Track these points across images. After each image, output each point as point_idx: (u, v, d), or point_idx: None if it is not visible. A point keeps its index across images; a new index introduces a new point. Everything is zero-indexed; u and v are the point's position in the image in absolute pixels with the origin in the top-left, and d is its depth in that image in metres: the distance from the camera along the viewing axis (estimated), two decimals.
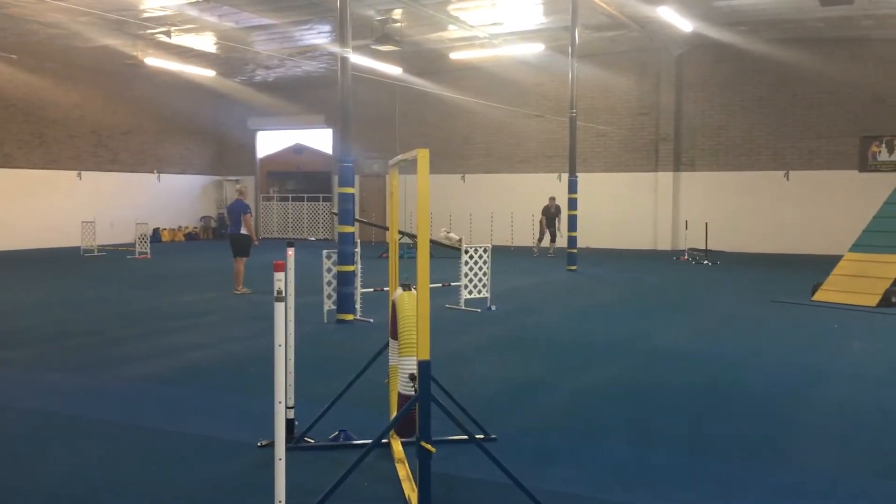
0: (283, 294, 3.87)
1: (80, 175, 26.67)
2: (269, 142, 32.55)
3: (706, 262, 20.15)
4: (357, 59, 19.30)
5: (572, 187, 18.55)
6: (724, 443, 5.69)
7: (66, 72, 25.97)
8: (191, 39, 21.62)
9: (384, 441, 5.29)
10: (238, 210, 14.09)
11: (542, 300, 13.43)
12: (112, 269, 19.21)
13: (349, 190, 11.36)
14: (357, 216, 23.99)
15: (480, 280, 12.27)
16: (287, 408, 5.25)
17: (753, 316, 11.70)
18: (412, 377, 4.28)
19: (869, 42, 21.81)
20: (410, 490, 4.55)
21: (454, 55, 23.41)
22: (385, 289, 11.28)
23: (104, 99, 27.61)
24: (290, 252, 5.14)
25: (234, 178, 32.17)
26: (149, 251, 22.17)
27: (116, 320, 11.22)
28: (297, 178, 32.87)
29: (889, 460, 5.34)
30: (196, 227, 31.44)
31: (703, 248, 21.67)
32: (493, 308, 12.08)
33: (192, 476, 5.00)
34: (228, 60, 25.33)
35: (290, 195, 32.40)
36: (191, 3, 18.11)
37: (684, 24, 19.53)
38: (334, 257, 11.05)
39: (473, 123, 27.40)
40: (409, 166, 5.07)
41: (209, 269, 18.87)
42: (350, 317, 10.95)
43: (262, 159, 32.70)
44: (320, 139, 31.04)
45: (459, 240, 18.65)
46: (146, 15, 19.02)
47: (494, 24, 20.35)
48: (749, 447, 5.59)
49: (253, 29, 20.91)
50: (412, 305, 4.53)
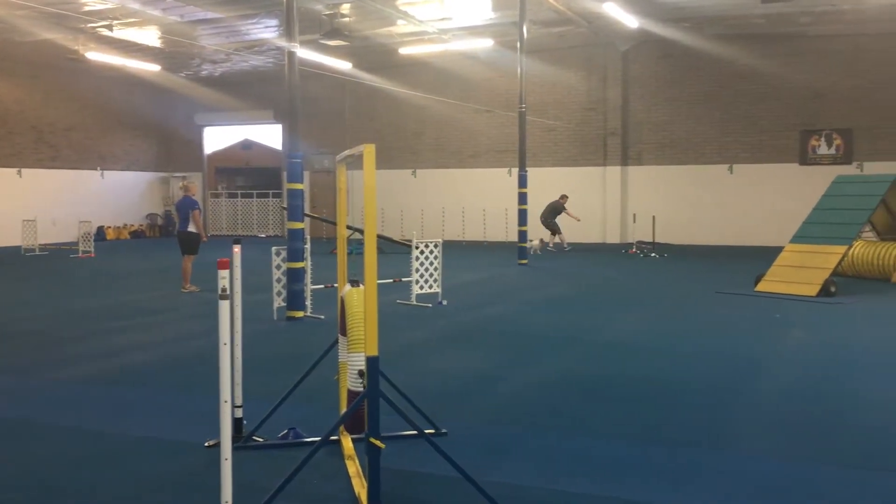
0: (228, 292, 3.82)
1: (20, 172, 25.95)
2: (217, 138, 32.07)
3: (654, 254, 20.48)
4: (305, 53, 19.14)
5: (522, 182, 18.68)
6: (670, 432, 5.81)
7: (4, 67, 25.21)
8: (134, 33, 21.18)
9: (333, 438, 5.27)
10: (186, 207, 13.89)
11: (493, 294, 13.51)
12: (55, 268, 18.76)
13: (298, 186, 11.28)
14: (307, 212, 23.84)
15: (431, 275, 12.29)
16: (235, 407, 5.22)
17: (699, 307, 11.94)
18: (361, 373, 4.27)
19: (807, 38, 22.38)
20: (360, 486, 4.55)
21: (404, 50, 23.36)
22: (335, 285, 11.25)
23: (45, 94, 26.89)
24: (237, 249, 5.09)
25: (180, 174, 31.63)
26: (93, 250, 21.70)
27: (59, 320, 10.97)
28: (246, 174, 32.47)
29: (829, 445, 5.51)
30: (142, 225, 30.86)
31: (651, 240, 22.03)
32: (445, 303, 12.11)
33: (138, 477, 4.92)
34: (173, 55, 24.87)
35: (238, 191, 32.00)
36: None
37: (630, 20, 19.79)
38: (284, 254, 10.95)
39: (424, 119, 27.39)
40: (359, 161, 5.06)
41: (156, 268, 18.54)
42: (300, 314, 10.87)
43: (209, 155, 32.22)
44: (269, 135, 30.69)
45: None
46: (87, 8, 18.58)
47: (443, 19, 20.36)
48: (694, 436, 5.71)
49: (198, 23, 20.57)
50: (360, 301, 4.52)
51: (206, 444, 5.43)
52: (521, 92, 18.62)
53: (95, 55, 22.37)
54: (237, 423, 5.34)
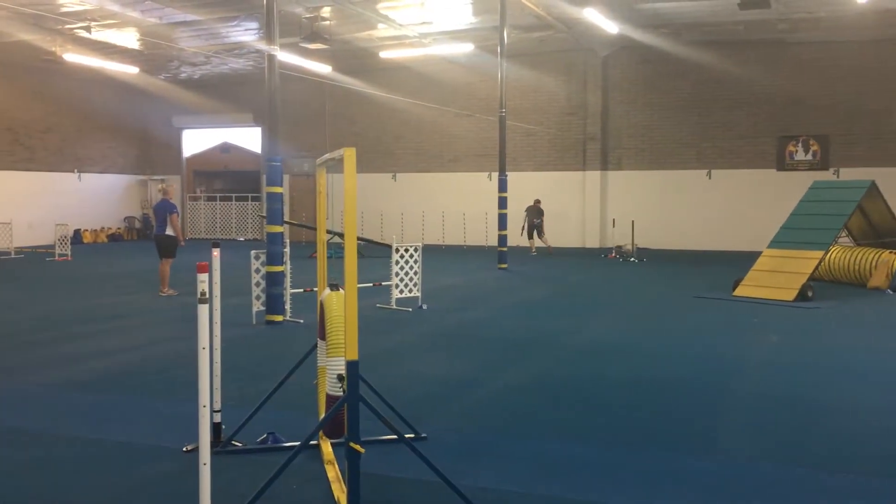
0: (207, 296, 3.79)
1: None
2: (196, 140, 31.85)
3: (633, 259, 20.59)
4: (285, 56, 19.07)
5: (502, 186, 18.71)
6: (647, 435, 5.83)
7: None
8: (112, 35, 21.01)
9: (313, 443, 5.25)
10: (163, 210, 13.78)
11: (472, 298, 13.52)
12: (30, 271, 18.55)
13: (277, 189, 11.23)
14: (287, 216, 23.74)
15: (412, 279, 12.28)
16: (213, 411, 5.18)
17: (677, 311, 12.01)
18: (340, 378, 4.25)
19: (785, 45, 22.63)
20: (340, 491, 4.53)
21: (384, 54, 23.35)
22: (314, 289, 11.20)
23: (20, 95, 26.58)
24: (216, 253, 5.06)
25: (159, 177, 31.40)
26: (69, 253, 21.48)
27: (34, 324, 10.84)
28: (225, 177, 32.28)
29: (802, 447, 5.56)
30: (119, 228, 30.58)
31: (631, 245, 22.15)
32: (425, 307, 12.09)
33: (114, 483, 4.86)
34: (152, 57, 24.69)
35: (217, 195, 31.80)
36: None
37: (609, 25, 19.91)
38: (263, 258, 10.89)
39: (404, 122, 27.39)
40: (338, 165, 5.04)
41: (133, 271, 18.37)
42: (279, 318, 10.81)
43: (188, 158, 31.99)
44: (249, 138, 30.53)
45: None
46: (65, 9, 18.40)
47: (424, 23, 20.38)
48: (671, 438, 5.74)
49: (177, 25, 20.44)
50: (340, 305, 4.51)
51: (184, 449, 5.38)
52: (502, 96, 18.66)
53: (73, 56, 22.14)
54: (216, 427, 5.30)
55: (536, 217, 22.78)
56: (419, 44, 22.15)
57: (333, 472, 4.88)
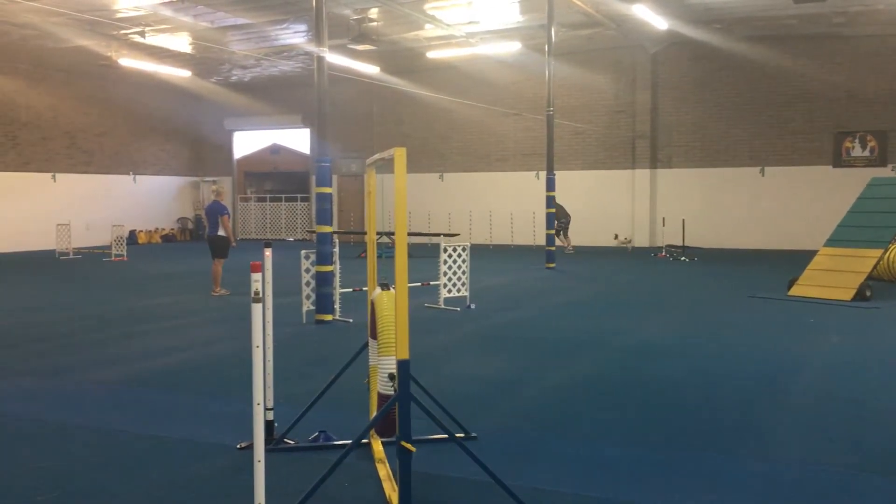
0: (261, 295, 3.84)
1: (54, 177, 26.38)
2: (246, 142, 32.34)
3: (683, 258, 20.30)
4: (333, 58, 19.24)
5: (550, 185, 18.62)
6: (701, 436, 5.74)
7: (38, 73, 25.66)
8: (165, 39, 21.43)
9: (364, 441, 5.28)
10: (215, 212, 14.01)
11: (521, 298, 13.47)
12: (88, 271, 19.02)
13: (326, 190, 11.32)
14: (335, 217, 23.94)
15: (459, 279, 12.28)
16: (266, 409, 5.24)
17: (730, 311, 11.80)
18: (392, 377, 4.27)
19: (842, 39, 22.07)
20: (391, 490, 4.54)
21: (431, 54, 23.40)
22: (363, 289, 11.27)
23: (78, 100, 27.31)
24: (268, 253, 5.12)
25: (210, 178, 31.92)
26: (125, 253, 21.97)
27: (92, 323, 11.11)
28: (275, 178, 32.70)
29: (862, 451, 5.41)
30: (173, 229, 31.19)
31: (681, 244, 21.83)
32: (472, 306, 12.09)
33: (170, 479, 4.96)
34: (204, 61, 25.14)
35: (267, 195, 32.23)
36: (165, 3, 17.95)
37: (659, 21, 19.66)
38: (313, 257, 11.00)
39: (451, 122, 27.41)
40: (387, 165, 5.06)
41: (186, 271, 18.73)
42: (329, 317, 10.91)
43: (239, 160, 32.50)
44: (297, 139, 30.89)
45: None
46: (120, 15, 18.82)
47: (471, 22, 20.36)
48: (726, 440, 5.64)
49: (228, 28, 20.77)
50: (391, 305, 4.52)
51: (238, 447, 5.46)
52: (549, 95, 18.56)
53: (128, 61, 22.68)
54: (269, 425, 5.37)
55: (563, 217, 22.64)
56: (466, 43, 22.14)
57: (384, 471, 4.90)
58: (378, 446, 5.26)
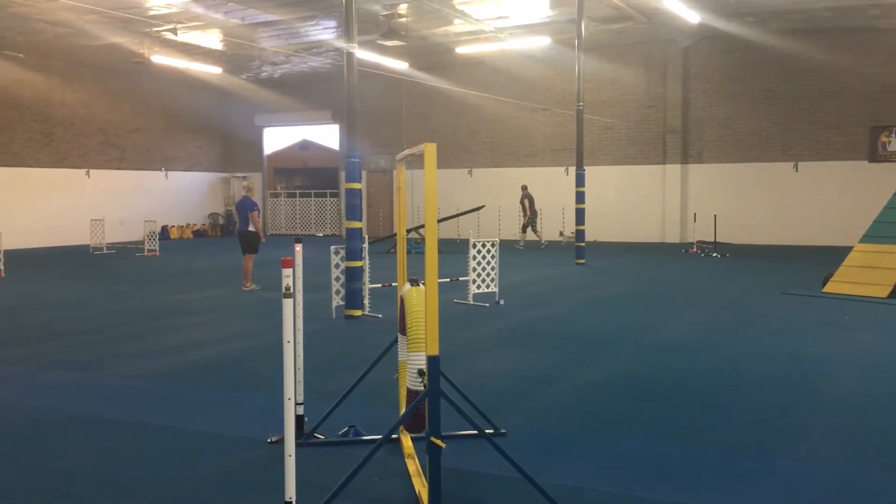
0: (292, 290, 3.85)
1: (88, 173, 26.75)
2: (276, 138, 32.55)
3: (715, 254, 20.08)
4: (363, 54, 19.28)
5: (579, 180, 18.52)
6: (733, 435, 5.67)
7: (72, 70, 26.04)
8: (197, 36, 21.63)
9: (393, 437, 5.28)
10: (246, 207, 14.13)
11: (550, 294, 13.41)
12: (121, 266, 19.27)
13: (356, 186, 11.35)
14: (364, 211, 24.02)
15: (489, 274, 12.25)
16: (296, 404, 5.26)
17: (763, 308, 11.65)
18: (421, 372, 4.27)
19: (877, 31, 21.66)
20: (421, 486, 4.54)
21: (460, 49, 23.36)
22: (393, 284, 11.28)
23: (111, 97, 27.67)
24: (298, 248, 5.13)
25: (241, 174, 32.24)
26: (157, 248, 22.23)
27: (125, 317, 11.25)
28: (304, 174, 32.88)
29: (893, 451, 5.32)
30: (204, 225, 31.50)
31: (712, 240, 21.60)
32: (502, 302, 12.06)
33: (201, 473, 5.00)
34: (235, 57, 25.33)
35: (297, 191, 32.42)
36: (196, 1, 18.11)
37: (691, 15, 19.44)
38: (342, 253, 11.04)
39: (480, 117, 27.35)
40: (417, 161, 5.05)
41: (218, 266, 18.90)
42: (358, 312, 10.95)
43: (269, 156, 32.72)
44: (327, 135, 31.02)
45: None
46: (152, 13, 19.03)
47: (500, 17, 20.29)
48: (758, 439, 5.56)
49: (259, 25, 20.90)
50: (420, 301, 4.51)
51: (268, 441, 5.49)
52: (579, 90, 18.45)
53: (160, 58, 22.92)
54: (299, 420, 5.39)
55: (532, 210, 22.81)
56: (495, 38, 22.07)
57: (414, 467, 4.90)
58: (407, 442, 5.26)
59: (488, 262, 12.23)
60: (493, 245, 12.32)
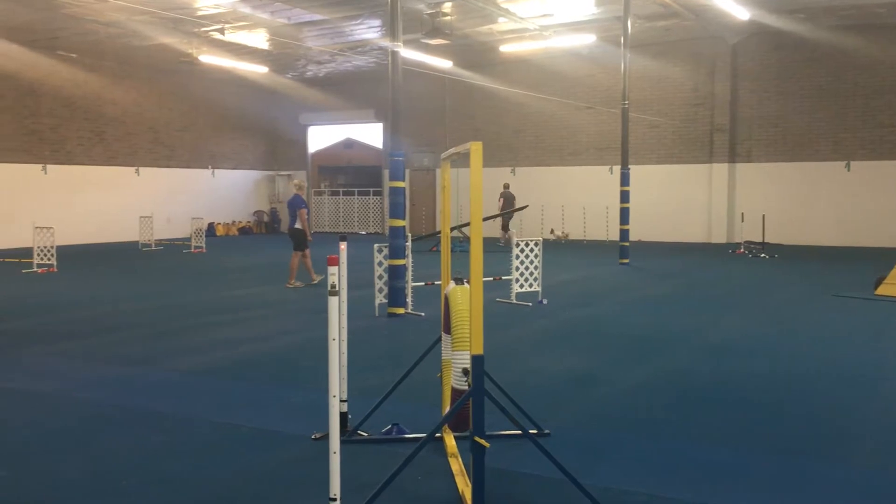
0: (337, 288, 3.86)
1: (138, 171, 27.27)
2: (321, 137, 32.82)
3: (763, 255, 19.71)
4: (407, 52, 19.32)
5: (624, 180, 18.32)
6: (784, 438, 5.55)
7: (123, 70, 26.56)
8: (244, 36, 21.89)
9: (437, 435, 5.27)
10: (294, 205, 14.32)
11: (593, 294, 13.29)
12: (169, 263, 19.61)
13: (400, 184, 11.37)
14: (407, 210, 24.07)
15: (532, 274, 12.19)
16: (340, 401, 5.29)
17: (813, 310, 11.40)
18: (465, 372, 4.25)
19: None
20: (464, 485, 4.53)
21: (504, 48, 23.28)
22: (436, 282, 11.29)
23: (160, 96, 28.16)
24: (343, 246, 5.15)
25: (286, 172, 32.61)
26: (204, 245, 22.55)
27: (173, 313, 11.44)
28: (348, 172, 33.10)
29: None
30: (249, 222, 31.89)
31: (761, 240, 21.20)
32: (545, 302, 11.98)
33: (247, 468, 5.05)
34: (280, 57, 25.59)
35: (340, 189, 32.64)
36: (243, 1, 18.33)
37: (741, 11, 19.10)
38: (385, 251, 11.08)
39: (523, 116, 27.22)
40: (461, 159, 5.03)
41: (262, 263, 19.11)
42: (401, 310, 10.97)
43: (313, 154, 33.00)
44: (370, 133, 31.18)
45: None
46: (201, 13, 19.31)
47: (545, 15, 20.16)
48: (809, 444, 5.44)
49: (304, 25, 21.08)
50: (465, 300, 4.50)
51: (312, 437, 5.53)
52: (625, 88, 18.25)
53: (207, 58, 23.25)
54: (343, 417, 5.41)
55: (510, 206, 22.56)
56: (540, 36, 21.94)
57: (457, 466, 4.89)
58: (451, 441, 5.25)
59: (531, 262, 12.17)
60: (535, 244, 12.26)
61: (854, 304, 11.84)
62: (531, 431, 5.28)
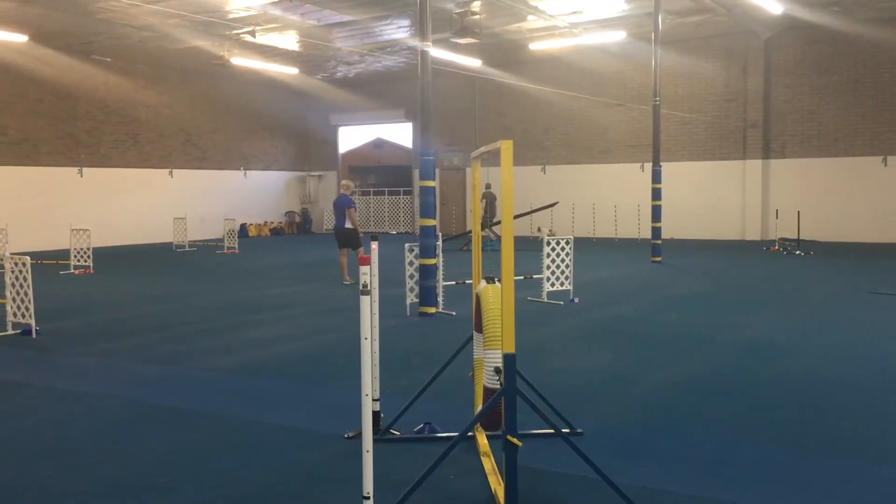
0: (369, 288, 3.89)
1: (171, 173, 27.62)
2: (351, 137, 33.00)
3: (798, 252, 19.44)
4: (436, 52, 19.34)
5: (656, 177, 18.18)
6: (817, 440, 5.47)
7: (156, 73, 26.92)
8: (274, 38, 22.08)
9: (469, 434, 5.28)
10: (342, 204, 14.49)
11: (625, 292, 13.20)
12: (203, 263, 19.83)
13: (430, 183, 11.38)
14: (437, 209, 24.13)
15: (563, 272, 12.14)
16: (373, 400, 5.32)
17: (849, 308, 11.22)
18: (497, 370, 4.25)
19: None
20: (497, 484, 4.53)
21: (534, 46, 23.21)
22: (467, 281, 11.30)
23: (192, 99, 28.50)
24: (374, 245, 5.18)
25: (316, 173, 32.84)
26: (237, 246, 22.77)
27: (208, 313, 11.57)
28: (378, 172, 33.23)
29: None
30: (281, 222, 32.15)
31: (795, 237, 20.92)
32: (576, 300, 11.93)
33: (279, 466, 5.10)
34: (311, 58, 25.77)
35: (371, 189, 32.79)
36: (274, 3, 18.49)
37: (773, 6, 18.84)
38: (416, 250, 11.11)
39: (553, 114, 27.13)
40: (491, 158, 5.03)
41: (294, 263, 19.26)
42: (432, 310, 10.99)
43: (343, 154, 33.20)
44: (400, 133, 31.28)
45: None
46: (232, 16, 19.51)
47: (574, 12, 20.07)
48: (845, 444, 5.36)
49: (334, 26, 21.20)
50: (497, 298, 4.50)
51: (346, 436, 5.56)
52: (656, 84, 18.11)
53: (239, 60, 23.49)
54: (375, 416, 5.44)
55: (493, 205, 22.53)
56: (569, 34, 21.84)
57: (490, 465, 4.89)
58: (483, 440, 5.26)
59: (562, 260, 12.13)
60: (567, 243, 12.21)
61: (892, 301, 11.64)
62: (564, 430, 5.26)
